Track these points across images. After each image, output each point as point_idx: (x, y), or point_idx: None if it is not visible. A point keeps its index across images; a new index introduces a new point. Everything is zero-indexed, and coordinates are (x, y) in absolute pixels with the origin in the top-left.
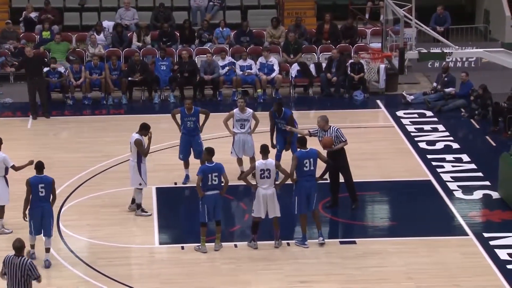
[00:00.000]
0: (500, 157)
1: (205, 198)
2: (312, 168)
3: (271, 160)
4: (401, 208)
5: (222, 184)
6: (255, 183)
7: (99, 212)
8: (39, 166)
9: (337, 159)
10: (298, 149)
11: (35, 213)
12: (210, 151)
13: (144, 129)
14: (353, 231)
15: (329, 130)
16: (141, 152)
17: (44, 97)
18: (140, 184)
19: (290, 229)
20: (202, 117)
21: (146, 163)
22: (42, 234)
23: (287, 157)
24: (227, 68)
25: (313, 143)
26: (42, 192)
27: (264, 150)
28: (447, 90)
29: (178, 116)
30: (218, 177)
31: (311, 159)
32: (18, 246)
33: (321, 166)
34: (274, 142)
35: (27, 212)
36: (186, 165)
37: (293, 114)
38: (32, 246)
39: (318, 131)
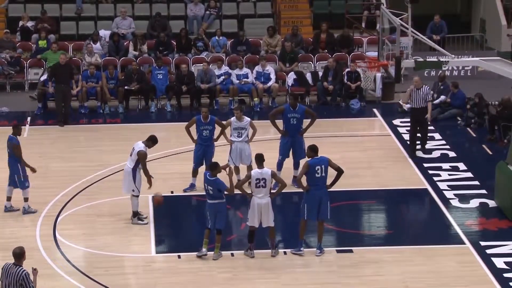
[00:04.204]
0: (497, 165)
1: (206, 205)
2: (323, 174)
3: (267, 169)
4: (397, 216)
5: (226, 193)
6: (250, 192)
7: (96, 221)
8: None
9: (421, 114)
10: (310, 158)
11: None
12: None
13: (152, 141)
14: (350, 240)
15: (422, 88)
16: (142, 165)
17: (67, 105)
18: (133, 191)
19: (287, 238)
20: (218, 128)
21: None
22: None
23: (288, 165)
24: (223, 77)
25: (323, 152)
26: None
27: (259, 159)
28: (436, 101)
29: (192, 128)
30: (214, 190)
31: (322, 166)
32: (18, 252)
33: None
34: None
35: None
36: (195, 173)
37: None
38: (8, 198)
39: (412, 90)
